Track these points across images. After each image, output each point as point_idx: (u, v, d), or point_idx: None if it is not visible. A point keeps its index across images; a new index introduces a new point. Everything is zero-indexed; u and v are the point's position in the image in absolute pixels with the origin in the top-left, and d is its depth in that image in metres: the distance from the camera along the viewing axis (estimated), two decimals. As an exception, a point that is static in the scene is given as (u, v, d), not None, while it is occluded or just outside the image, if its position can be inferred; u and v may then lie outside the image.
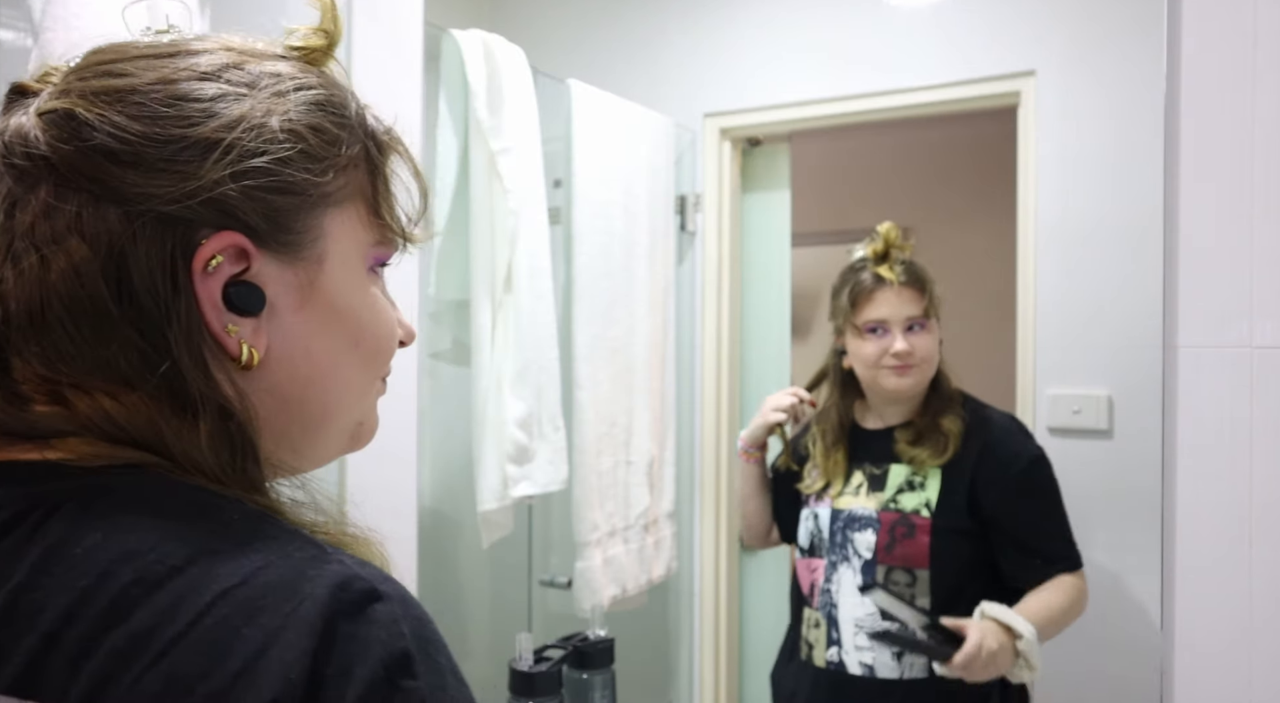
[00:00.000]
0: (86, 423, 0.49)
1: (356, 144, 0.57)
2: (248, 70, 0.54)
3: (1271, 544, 1.01)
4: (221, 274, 0.51)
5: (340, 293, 0.56)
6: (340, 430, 0.60)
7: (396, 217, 0.60)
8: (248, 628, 0.42)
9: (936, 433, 1.36)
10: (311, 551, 0.47)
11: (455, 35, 1.50)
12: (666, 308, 1.75)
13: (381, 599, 0.45)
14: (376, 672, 0.43)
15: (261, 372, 0.53)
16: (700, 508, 1.73)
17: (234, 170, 0.51)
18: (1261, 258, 1.02)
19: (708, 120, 1.71)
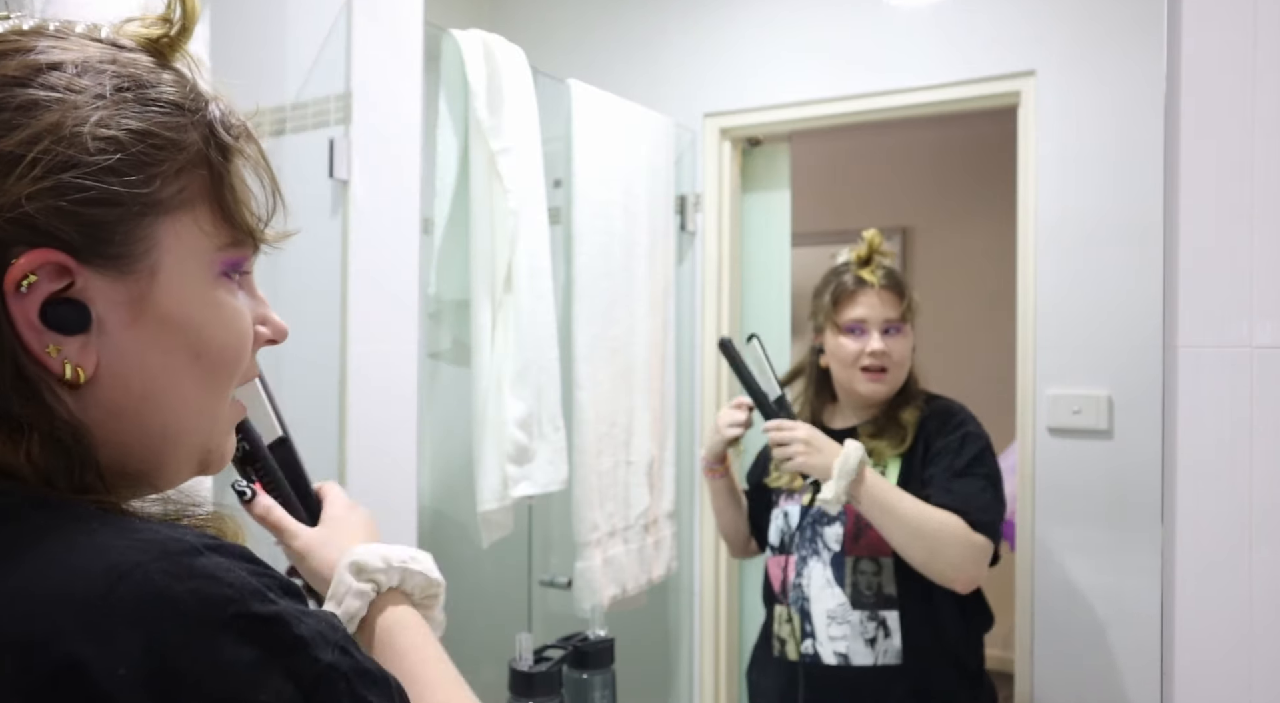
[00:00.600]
0: None
1: (193, 146, 0.53)
2: (69, 69, 0.51)
3: (1272, 545, 1.01)
4: (38, 293, 0.48)
5: (177, 305, 0.53)
6: (187, 454, 0.57)
7: (247, 218, 0.57)
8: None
9: (895, 425, 1.41)
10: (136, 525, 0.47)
11: (455, 35, 1.50)
12: (666, 308, 1.75)
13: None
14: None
15: (94, 389, 0.51)
16: (700, 508, 1.73)
17: (40, 186, 0.48)
18: (1261, 258, 1.02)
19: (708, 120, 1.71)
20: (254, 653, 0.44)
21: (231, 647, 0.43)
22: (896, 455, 1.39)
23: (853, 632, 1.37)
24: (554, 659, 1.26)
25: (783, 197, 1.71)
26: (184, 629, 0.43)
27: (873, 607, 1.36)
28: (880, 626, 1.36)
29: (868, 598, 1.37)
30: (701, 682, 1.71)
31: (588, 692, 1.29)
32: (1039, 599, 1.37)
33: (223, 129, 0.55)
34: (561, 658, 1.27)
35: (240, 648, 0.44)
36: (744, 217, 1.74)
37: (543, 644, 1.30)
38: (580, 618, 1.56)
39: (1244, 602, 1.02)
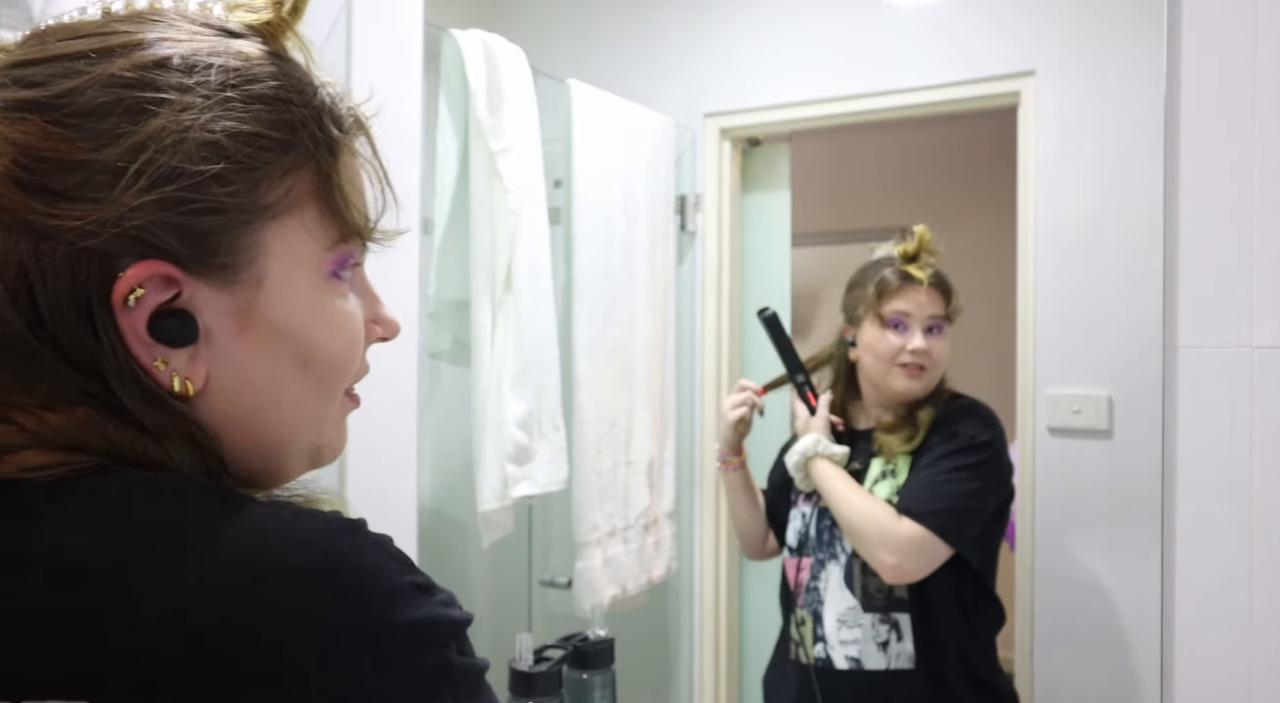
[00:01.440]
0: (36, 436, 0.47)
1: (301, 143, 0.51)
2: (174, 67, 0.48)
3: (1272, 544, 1.01)
4: (146, 305, 0.47)
5: (284, 313, 0.51)
6: (299, 454, 0.56)
7: (358, 213, 0.54)
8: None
9: (909, 424, 1.39)
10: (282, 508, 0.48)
11: (455, 35, 1.50)
12: (666, 308, 1.75)
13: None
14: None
15: (206, 401, 0.50)
16: (700, 508, 1.73)
17: (148, 198, 0.46)
18: (1261, 258, 1.02)
19: (708, 120, 1.71)
20: (426, 611, 0.46)
21: (409, 607, 0.45)
22: (906, 453, 1.37)
23: (864, 636, 1.35)
24: (554, 659, 1.26)
25: (783, 197, 1.71)
26: (376, 593, 0.45)
27: (884, 610, 1.34)
28: (893, 629, 1.34)
29: (878, 601, 1.35)
30: (701, 682, 1.71)
31: (588, 692, 1.29)
32: (1039, 599, 1.37)
33: (331, 121, 0.53)
34: (561, 658, 1.27)
35: (416, 609, 0.46)
36: (744, 217, 1.74)
37: (543, 644, 1.30)
38: (580, 618, 1.56)
39: (1244, 601, 1.02)
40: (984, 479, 1.32)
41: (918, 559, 1.29)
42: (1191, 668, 1.05)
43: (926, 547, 1.28)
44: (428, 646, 0.46)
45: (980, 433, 1.34)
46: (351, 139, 0.54)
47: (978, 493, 1.31)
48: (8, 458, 0.46)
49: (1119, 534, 1.31)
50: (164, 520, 0.45)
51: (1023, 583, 1.38)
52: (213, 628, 0.41)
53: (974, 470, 1.31)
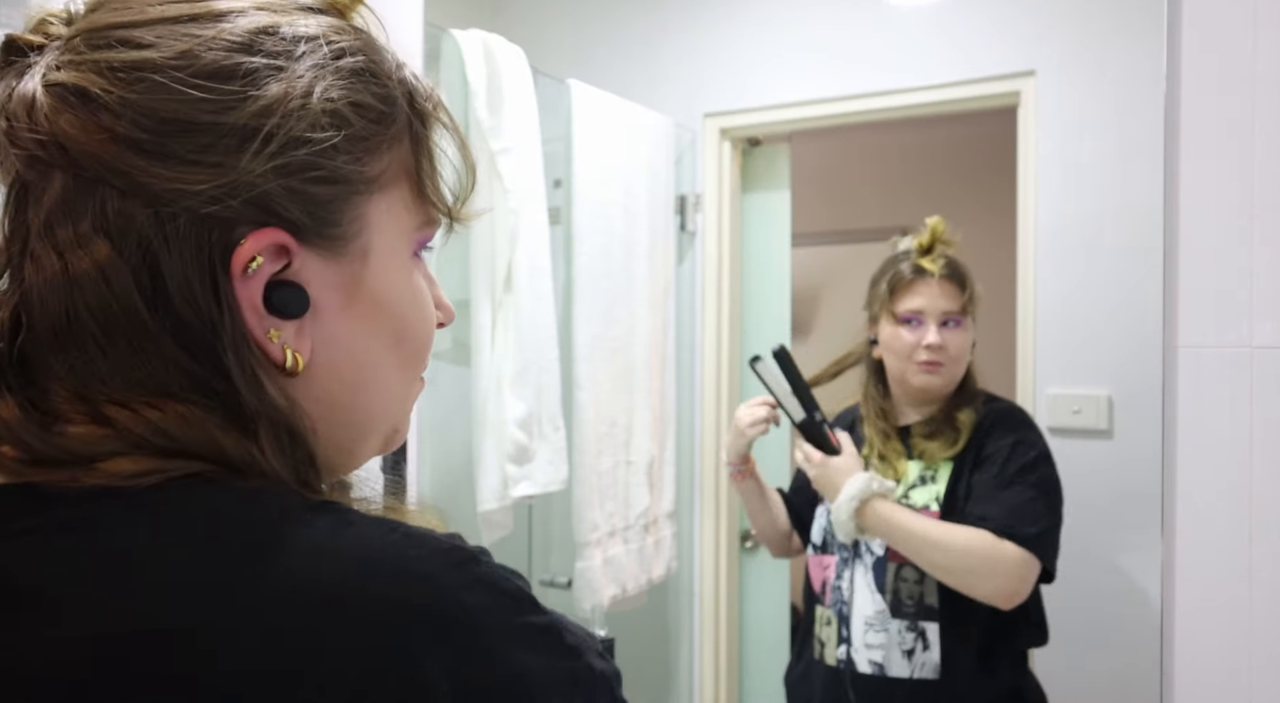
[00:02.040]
0: (133, 439, 0.44)
1: (400, 117, 0.50)
2: (281, 35, 0.47)
3: (1272, 544, 1.01)
4: (262, 275, 0.46)
5: (385, 288, 0.50)
6: (379, 436, 0.54)
7: (442, 195, 0.53)
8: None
9: (949, 427, 1.36)
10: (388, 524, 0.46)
11: (455, 35, 1.50)
12: (666, 308, 1.75)
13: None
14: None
15: (306, 379, 0.48)
16: (700, 508, 1.73)
17: (276, 163, 0.45)
18: (1261, 258, 1.01)
19: (708, 120, 1.71)
20: (541, 660, 0.44)
21: (522, 654, 0.43)
22: (948, 459, 1.35)
23: (890, 641, 1.32)
24: (554, 659, 1.25)
25: (783, 197, 1.71)
26: (479, 639, 0.42)
27: (913, 617, 1.32)
28: (919, 637, 1.31)
29: (908, 608, 1.32)
30: (701, 682, 1.71)
31: (588, 692, 1.28)
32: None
33: (421, 98, 0.52)
34: (562, 658, 1.27)
35: (529, 655, 0.43)
36: (744, 217, 1.74)
37: (543, 644, 1.30)
38: (580, 618, 1.56)
39: (1244, 601, 1.02)
40: (1055, 493, 1.29)
41: (1024, 581, 1.25)
42: (1191, 668, 1.05)
43: (1032, 568, 1.25)
44: (554, 694, 0.43)
45: (1039, 440, 1.31)
46: (433, 121, 0.54)
47: (1053, 508, 1.29)
48: (99, 465, 0.43)
49: (1119, 534, 1.30)
50: (265, 539, 0.42)
51: (1023, 583, 1.38)
52: (289, 672, 0.39)
53: (1046, 485, 1.29)
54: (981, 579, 1.26)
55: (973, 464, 1.33)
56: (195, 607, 0.40)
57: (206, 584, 0.41)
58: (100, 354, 0.44)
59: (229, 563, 0.41)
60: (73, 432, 0.44)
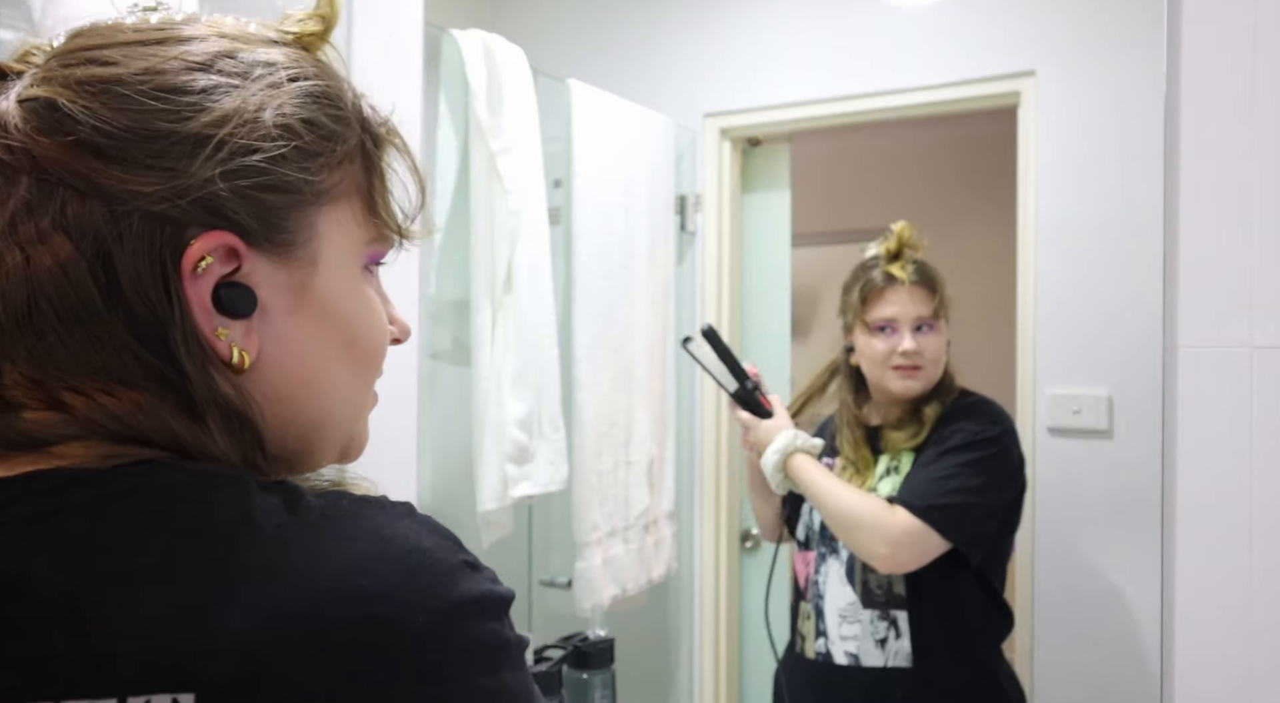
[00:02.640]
0: (88, 424, 0.47)
1: (352, 138, 0.55)
2: (240, 59, 0.52)
3: (1272, 544, 1.01)
4: (211, 275, 0.49)
5: (334, 294, 0.54)
6: (333, 443, 0.58)
7: (393, 213, 0.58)
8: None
9: (915, 419, 1.39)
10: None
11: (455, 35, 1.50)
12: (666, 308, 1.75)
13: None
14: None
15: (255, 376, 0.52)
16: (700, 508, 1.73)
17: (225, 168, 0.49)
18: (1261, 258, 1.02)
19: (708, 120, 1.71)
20: (479, 586, 0.49)
21: (466, 583, 0.48)
22: (910, 449, 1.37)
23: (863, 632, 1.35)
24: (554, 659, 1.26)
25: (783, 197, 1.71)
26: (440, 573, 0.47)
27: (883, 606, 1.34)
28: (891, 626, 1.34)
29: (878, 597, 1.35)
30: (701, 682, 1.71)
31: (588, 692, 1.29)
32: (1039, 599, 1.37)
33: (375, 124, 0.57)
34: (561, 658, 1.27)
35: (469, 582, 0.48)
36: (744, 217, 1.74)
37: (543, 644, 1.30)
38: (580, 618, 1.56)
39: (1244, 601, 1.02)
40: (986, 475, 1.31)
41: (910, 550, 1.28)
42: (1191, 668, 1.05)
43: (920, 538, 1.28)
44: (487, 619, 0.48)
45: (984, 429, 1.33)
46: (391, 141, 0.58)
47: (979, 489, 1.30)
48: (54, 449, 0.47)
49: (1119, 534, 1.31)
50: (235, 517, 0.46)
51: (1023, 583, 1.38)
52: (302, 619, 0.43)
53: (976, 467, 1.30)
54: (864, 539, 1.31)
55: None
56: (172, 590, 0.43)
57: (177, 568, 0.44)
58: (59, 343, 0.48)
59: (197, 544, 0.44)
60: (29, 417, 0.48)
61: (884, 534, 1.29)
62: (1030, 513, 1.36)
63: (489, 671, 0.47)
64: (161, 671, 0.42)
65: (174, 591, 0.43)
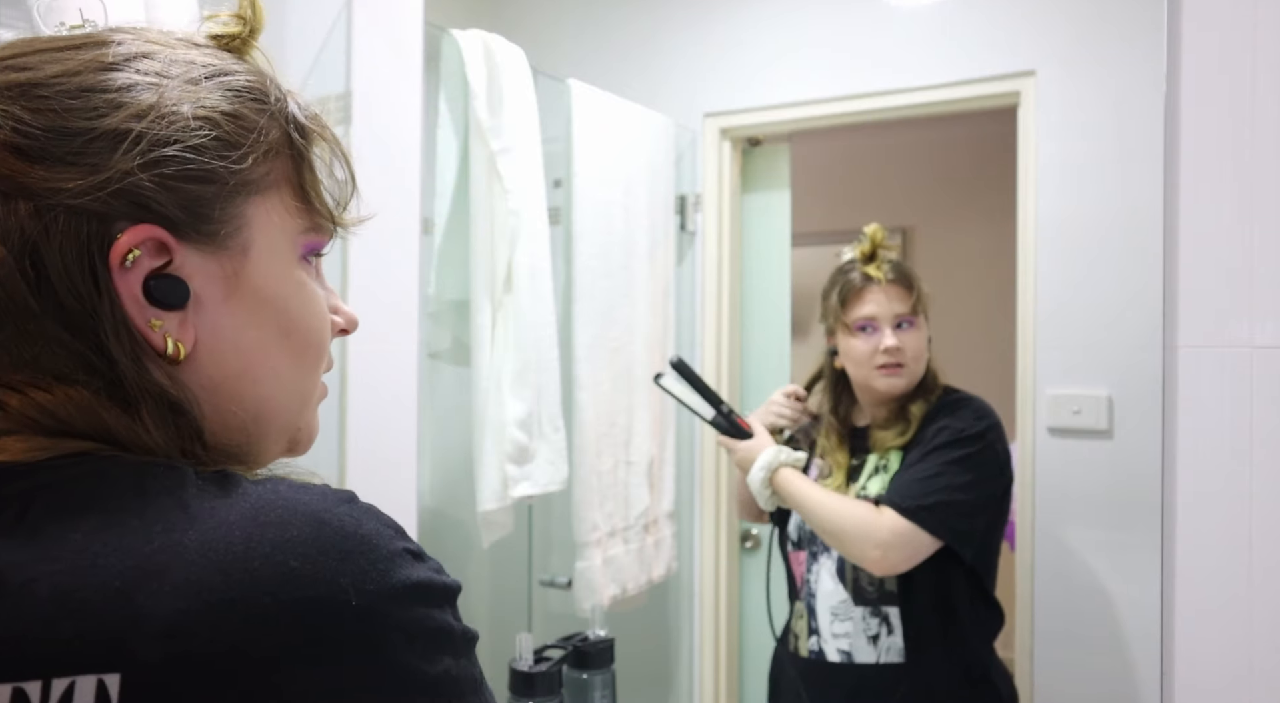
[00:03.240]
0: (23, 420, 0.48)
1: (276, 130, 0.55)
2: (159, 58, 0.53)
3: (1272, 544, 1.01)
4: (141, 268, 0.50)
5: (267, 283, 0.55)
6: (279, 433, 0.58)
7: (325, 203, 0.59)
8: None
9: (901, 418, 1.40)
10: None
11: (455, 35, 1.50)
12: (666, 308, 1.75)
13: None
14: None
15: (192, 366, 0.52)
16: (700, 508, 1.73)
17: (145, 160, 0.49)
18: (1261, 258, 1.02)
19: (708, 120, 1.71)
20: (420, 573, 0.48)
21: (407, 569, 0.48)
22: (898, 448, 1.38)
23: (855, 629, 1.36)
24: (554, 659, 1.26)
25: (783, 197, 1.71)
26: (377, 559, 0.47)
27: (875, 602, 1.36)
28: (883, 622, 1.35)
29: (869, 594, 1.36)
30: (701, 682, 1.71)
31: (588, 692, 1.29)
32: (1039, 599, 1.37)
33: (300, 118, 0.57)
34: (561, 658, 1.27)
35: (411, 569, 0.48)
36: (744, 217, 1.74)
37: (543, 644, 1.30)
38: (580, 618, 1.56)
39: (1244, 601, 1.02)
40: (974, 471, 1.32)
41: (901, 550, 1.29)
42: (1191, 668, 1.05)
43: (909, 538, 1.29)
44: (428, 605, 0.48)
45: (970, 425, 1.34)
46: (320, 134, 0.59)
47: (967, 486, 1.31)
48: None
49: (1119, 534, 1.30)
50: (170, 502, 0.46)
51: (1023, 583, 1.38)
52: (233, 601, 0.43)
53: (962, 464, 1.32)
54: (854, 544, 1.32)
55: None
56: (100, 572, 0.43)
57: (106, 550, 0.44)
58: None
59: (128, 530, 0.45)
60: None
61: (873, 537, 1.29)
62: (1030, 513, 1.36)
63: (428, 656, 0.47)
64: (87, 652, 0.42)
65: (101, 572, 0.43)
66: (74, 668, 0.42)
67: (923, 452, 1.34)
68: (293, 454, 0.60)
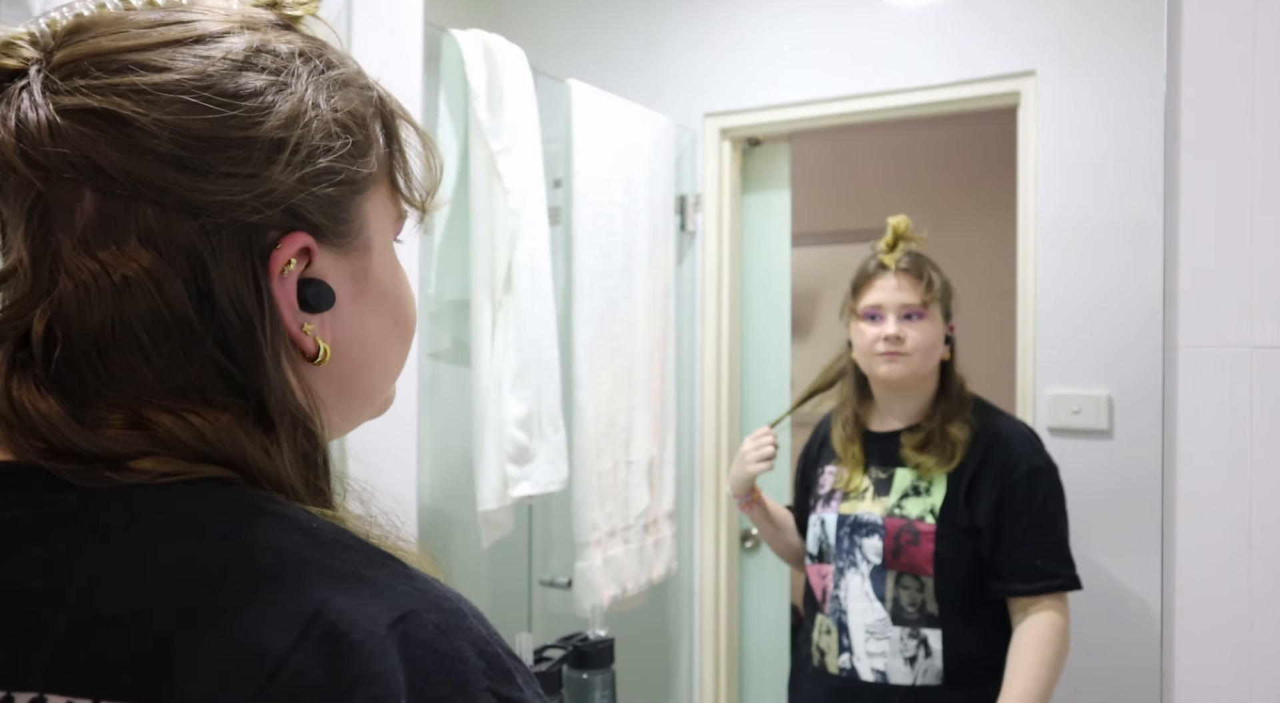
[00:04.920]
0: (168, 441, 0.46)
1: (377, 121, 0.55)
2: (274, 51, 0.51)
3: (1271, 544, 1.01)
4: (294, 275, 0.50)
5: (385, 276, 0.56)
6: (376, 405, 0.60)
7: (414, 187, 0.59)
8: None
9: (944, 440, 1.36)
10: (388, 569, 0.47)
11: (455, 35, 1.50)
12: (666, 308, 1.75)
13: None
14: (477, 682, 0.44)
15: (326, 366, 0.53)
16: (700, 508, 1.73)
17: (302, 172, 0.49)
18: (1261, 257, 1.02)
19: (708, 120, 1.71)
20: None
21: None
22: (943, 474, 1.34)
23: (892, 649, 1.32)
24: (554, 659, 1.26)
25: (783, 197, 1.71)
26: (446, 685, 0.43)
27: (914, 624, 1.32)
28: (921, 644, 1.31)
29: (910, 615, 1.32)
30: (701, 682, 1.71)
31: (588, 692, 1.29)
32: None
33: (392, 104, 0.58)
34: (561, 658, 1.27)
35: None
36: (744, 217, 1.74)
37: (543, 644, 1.30)
38: (580, 618, 1.56)
39: (1244, 601, 1.02)
40: (1062, 504, 1.30)
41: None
42: (1191, 668, 1.05)
43: (1066, 598, 1.28)
44: None
45: (1040, 459, 1.31)
46: (399, 121, 0.58)
47: (1065, 522, 1.30)
48: (129, 464, 0.46)
49: (1119, 534, 1.30)
50: (228, 556, 0.44)
51: (1023, 583, 1.38)
52: (273, 689, 0.41)
53: (1056, 503, 1.30)
54: (1064, 659, 1.28)
55: (970, 479, 1.33)
56: (160, 617, 0.42)
57: (172, 591, 0.43)
58: (145, 362, 0.47)
59: (199, 580, 0.43)
60: (110, 434, 0.46)
61: (1066, 627, 1.27)
62: (1030, 513, 1.35)
63: None
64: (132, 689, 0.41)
65: (146, 617, 0.42)
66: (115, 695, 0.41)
67: (1027, 510, 1.30)
68: (378, 415, 0.61)
